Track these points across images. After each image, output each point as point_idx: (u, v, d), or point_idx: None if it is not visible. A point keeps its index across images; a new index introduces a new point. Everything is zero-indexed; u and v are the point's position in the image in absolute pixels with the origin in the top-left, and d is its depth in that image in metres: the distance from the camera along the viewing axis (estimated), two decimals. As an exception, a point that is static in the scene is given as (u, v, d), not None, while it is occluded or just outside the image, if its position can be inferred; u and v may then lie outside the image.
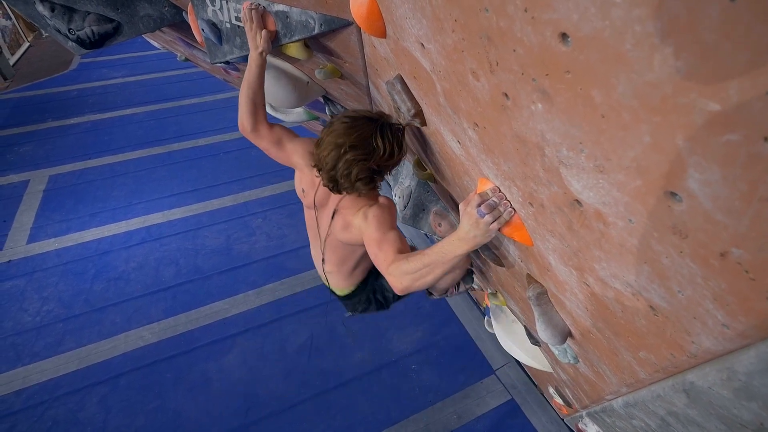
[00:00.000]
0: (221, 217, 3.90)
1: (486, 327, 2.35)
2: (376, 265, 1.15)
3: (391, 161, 1.16)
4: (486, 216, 0.85)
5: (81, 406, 2.49)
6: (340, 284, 1.58)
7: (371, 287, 1.61)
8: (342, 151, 1.10)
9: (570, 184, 0.60)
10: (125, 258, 3.47)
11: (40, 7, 1.70)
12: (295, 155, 1.38)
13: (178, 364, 2.73)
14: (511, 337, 1.82)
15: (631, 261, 0.57)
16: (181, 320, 2.99)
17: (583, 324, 0.92)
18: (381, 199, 1.27)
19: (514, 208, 0.86)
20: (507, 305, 1.79)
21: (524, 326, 1.69)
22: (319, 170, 1.18)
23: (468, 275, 1.80)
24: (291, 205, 4.01)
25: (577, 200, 0.61)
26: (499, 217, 0.86)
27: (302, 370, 2.70)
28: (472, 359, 2.75)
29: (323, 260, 1.52)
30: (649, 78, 0.35)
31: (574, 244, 0.71)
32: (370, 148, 1.11)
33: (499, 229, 0.89)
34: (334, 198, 1.34)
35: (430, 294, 1.87)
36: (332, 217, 1.35)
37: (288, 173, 4.06)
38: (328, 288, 1.66)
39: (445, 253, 0.95)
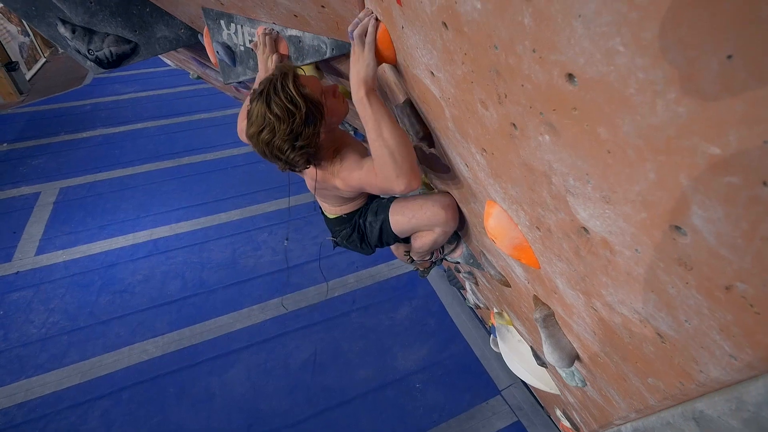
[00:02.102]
0: (228, 231, 3.94)
1: (492, 346, 2.33)
2: (380, 193, 1.12)
3: (296, 121, 1.05)
4: (353, 34, 0.92)
5: (83, 420, 2.48)
6: (334, 210, 1.54)
7: (360, 211, 1.53)
8: (259, 138, 1.07)
9: (577, 212, 0.61)
10: (132, 270, 3.50)
11: (61, 29, 1.77)
12: (244, 113, 1.41)
13: (182, 378, 2.72)
14: (517, 357, 1.80)
15: (638, 289, 0.58)
16: (186, 334, 2.99)
17: (590, 348, 0.93)
18: (340, 154, 1.23)
19: (378, 19, 0.91)
20: (513, 325, 1.79)
21: (531, 347, 1.68)
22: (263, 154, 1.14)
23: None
24: (296, 219, 4.04)
25: (584, 227, 0.62)
26: (366, 33, 0.92)
27: (306, 386, 2.68)
28: (477, 379, 2.72)
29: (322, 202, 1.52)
30: (652, 121, 0.37)
31: (582, 270, 0.72)
32: (268, 124, 1.05)
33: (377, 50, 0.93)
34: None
35: (412, 261, 1.81)
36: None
37: (294, 188, 4.13)
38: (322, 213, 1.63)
39: (365, 115, 0.97)
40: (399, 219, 1.43)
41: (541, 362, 1.61)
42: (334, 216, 1.54)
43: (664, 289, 0.52)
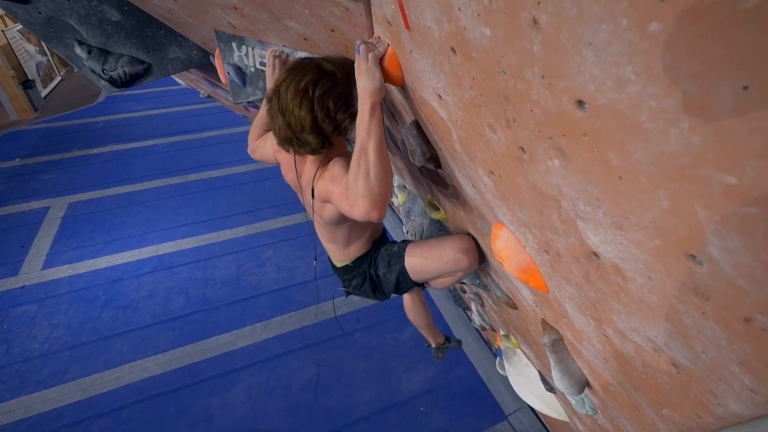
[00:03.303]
0: (233, 247, 3.94)
1: (498, 369, 2.28)
2: (346, 214, 1.05)
3: (349, 82, 1.06)
4: (360, 47, 0.90)
5: (81, 439, 2.43)
6: (338, 257, 1.51)
7: (369, 259, 1.50)
8: (310, 93, 1.03)
9: (587, 237, 0.60)
10: (136, 286, 3.49)
11: (78, 50, 1.82)
12: (270, 141, 1.41)
13: (182, 397, 2.68)
14: (524, 381, 1.76)
15: (652, 317, 0.56)
16: (188, 351, 2.96)
17: (601, 375, 0.90)
18: (335, 158, 1.18)
19: (388, 43, 0.90)
20: (520, 348, 1.75)
21: (538, 371, 1.64)
22: (295, 140, 1.10)
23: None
24: (301, 237, 4.04)
25: (594, 253, 0.61)
26: (374, 49, 0.91)
27: (308, 407, 2.62)
28: (483, 403, 2.65)
29: (319, 236, 1.50)
30: (665, 148, 0.37)
31: (592, 295, 0.70)
32: (326, 74, 1.05)
33: (382, 66, 0.92)
34: (307, 176, 1.26)
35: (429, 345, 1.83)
36: (312, 197, 1.27)
37: (302, 205, 4.13)
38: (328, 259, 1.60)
39: (360, 125, 0.94)
40: (418, 268, 1.40)
41: (550, 387, 1.57)
42: (342, 264, 1.52)
43: (680, 318, 0.50)
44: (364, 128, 0.95)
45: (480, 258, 1.37)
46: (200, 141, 5.99)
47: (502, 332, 1.91)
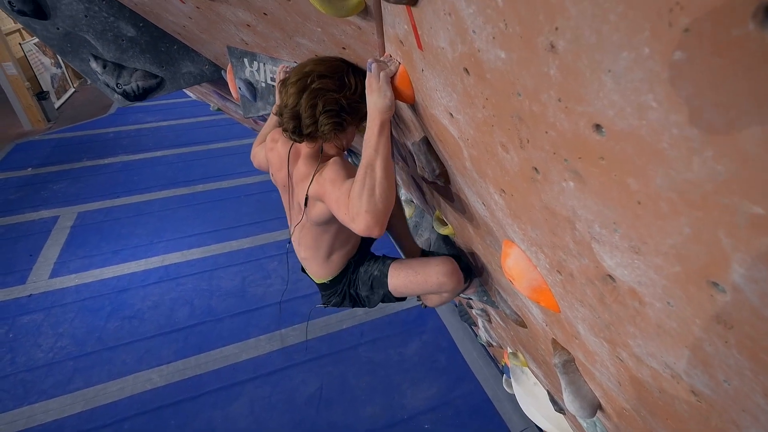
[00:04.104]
0: (238, 258, 3.94)
1: (505, 387, 2.24)
2: (343, 222, 1.04)
3: (360, 104, 1.06)
4: (372, 65, 0.90)
5: (82, 451, 2.41)
6: (316, 272, 1.49)
7: (347, 280, 1.50)
8: (309, 80, 1.03)
9: (602, 260, 0.59)
10: (142, 296, 3.50)
11: (93, 64, 1.86)
12: (264, 142, 1.43)
13: (184, 410, 2.65)
14: (532, 401, 1.73)
15: (670, 343, 0.55)
16: (191, 363, 2.94)
17: (615, 399, 0.88)
18: (333, 158, 1.16)
19: (399, 62, 0.91)
20: (528, 367, 1.72)
21: (547, 391, 1.61)
22: (281, 115, 1.10)
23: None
24: (307, 249, 4.03)
25: (610, 275, 0.60)
26: (386, 68, 0.92)
27: (310, 422, 2.58)
28: (489, 421, 2.60)
29: (299, 244, 1.48)
30: (687, 176, 0.36)
31: (606, 318, 0.69)
32: (342, 81, 1.05)
33: (393, 84, 0.93)
34: (299, 173, 1.25)
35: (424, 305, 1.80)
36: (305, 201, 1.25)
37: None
38: (306, 273, 1.60)
39: (368, 141, 0.94)
40: (401, 290, 1.44)
41: (559, 408, 1.54)
42: (319, 281, 1.53)
43: (700, 346, 0.49)
44: (372, 145, 0.96)
45: (475, 259, 1.40)
46: (208, 152, 6.06)
47: (509, 350, 1.88)
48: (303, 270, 1.61)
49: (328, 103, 1.04)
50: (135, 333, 3.16)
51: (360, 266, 1.49)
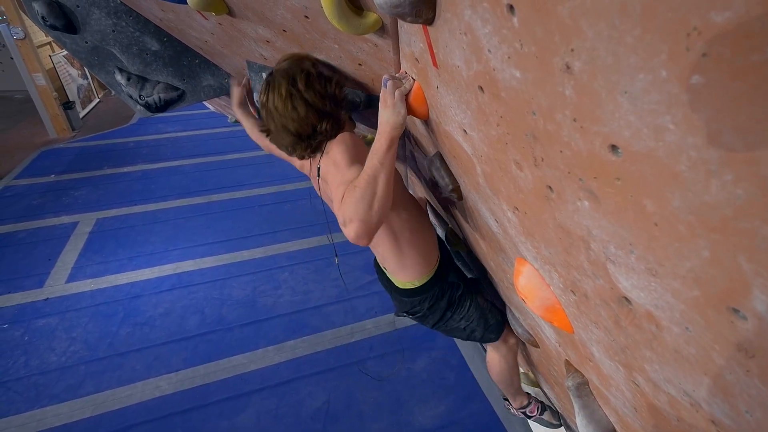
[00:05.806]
0: (250, 268, 3.97)
1: (515, 408, 2.18)
2: (334, 213, 1.02)
3: (332, 81, 1.12)
4: (388, 82, 0.91)
5: (89, 457, 2.42)
6: (398, 275, 1.36)
7: (446, 296, 1.37)
8: (294, 92, 1.07)
9: (618, 281, 0.58)
10: (154, 303, 3.54)
11: (118, 77, 1.93)
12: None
13: (190, 419, 2.64)
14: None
15: (689, 370, 0.53)
16: (200, 372, 2.95)
17: (630, 425, 0.85)
18: (341, 134, 1.15)
19: (414, 79, 0.93)
20: (540, 387, 1.68)
21: (559, 413, 1.56)
22: (302, 146, 1.13)
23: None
24: (317, 260, 4.05)
25: (625, 297, 0.59)
26: (401, 86, 0.93)
27: (316, 438, 2.55)
28: (499, 443, 2.53)
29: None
30: (706, 199, 0.36)
31: (622, 341, 0.67)
32: (293, 71, 1.09)
33: (408, 102, 0.95)
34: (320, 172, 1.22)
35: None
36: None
37: (314, 230, 4.20)
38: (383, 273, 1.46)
39: (375, 153, 0.94)
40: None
41: (570, 431, 1.49)
42: (403, 286, 1.40)
43: (720, 374, 0.47)
44: (379, 158, 0.96)
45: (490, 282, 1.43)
46: (224, 163, 6.17)
47: (521, 370, 1.84)
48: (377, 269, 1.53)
49: (318, 80, 1.10)
50: (146, 340, 3.19)
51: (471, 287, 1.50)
